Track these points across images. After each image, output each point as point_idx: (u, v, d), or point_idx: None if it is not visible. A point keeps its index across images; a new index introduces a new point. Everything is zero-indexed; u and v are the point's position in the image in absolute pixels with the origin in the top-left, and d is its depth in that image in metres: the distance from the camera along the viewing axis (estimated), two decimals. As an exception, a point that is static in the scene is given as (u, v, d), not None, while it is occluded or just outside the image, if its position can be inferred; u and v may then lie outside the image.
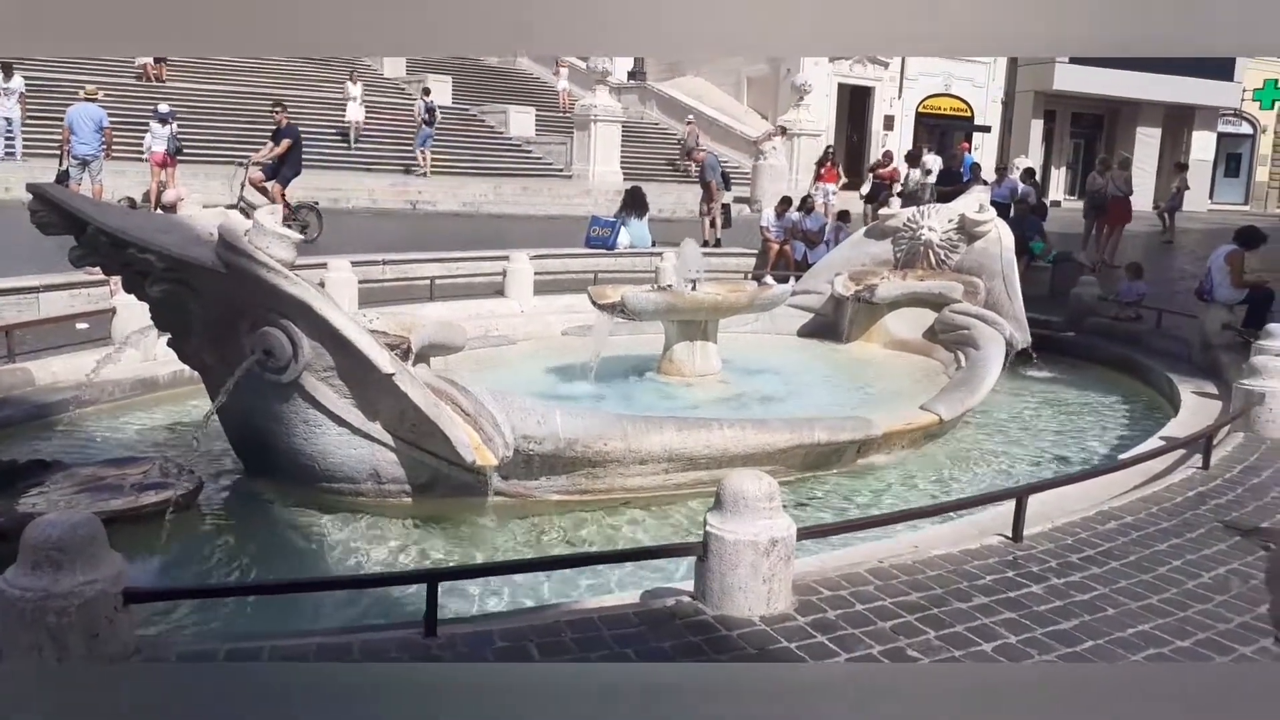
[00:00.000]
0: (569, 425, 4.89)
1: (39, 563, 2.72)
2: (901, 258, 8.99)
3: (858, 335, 8.65)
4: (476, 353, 7.12)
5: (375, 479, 4.80)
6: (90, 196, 12.85)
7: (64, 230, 4.45)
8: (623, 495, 5.09)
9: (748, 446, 5.20)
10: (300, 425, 4.71)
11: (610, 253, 13.88)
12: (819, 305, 9.00)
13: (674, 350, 7.20)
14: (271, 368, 4.53)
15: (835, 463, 5.72)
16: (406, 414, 4.60)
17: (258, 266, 4.28)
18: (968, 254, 8.66)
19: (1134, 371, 8.63)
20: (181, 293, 4.52)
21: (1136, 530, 4.29)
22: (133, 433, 6.05)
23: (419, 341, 5.44)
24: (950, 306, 8.30)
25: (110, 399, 6.40)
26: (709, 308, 7.19)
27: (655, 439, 5.02)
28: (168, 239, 4.49)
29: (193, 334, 4.77)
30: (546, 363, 7.57)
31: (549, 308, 9.73)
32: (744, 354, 7.73)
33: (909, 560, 3.85)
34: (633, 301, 6.85)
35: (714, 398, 6.73)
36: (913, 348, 8.35)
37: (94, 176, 15.31)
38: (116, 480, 4.58)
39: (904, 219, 9.15)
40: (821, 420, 5.66)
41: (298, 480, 4.86)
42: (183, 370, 5.84)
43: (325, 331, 4.45)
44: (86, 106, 15.47)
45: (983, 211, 8.75)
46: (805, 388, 7.13)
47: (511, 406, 4.82)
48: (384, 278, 10.78)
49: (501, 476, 4.80)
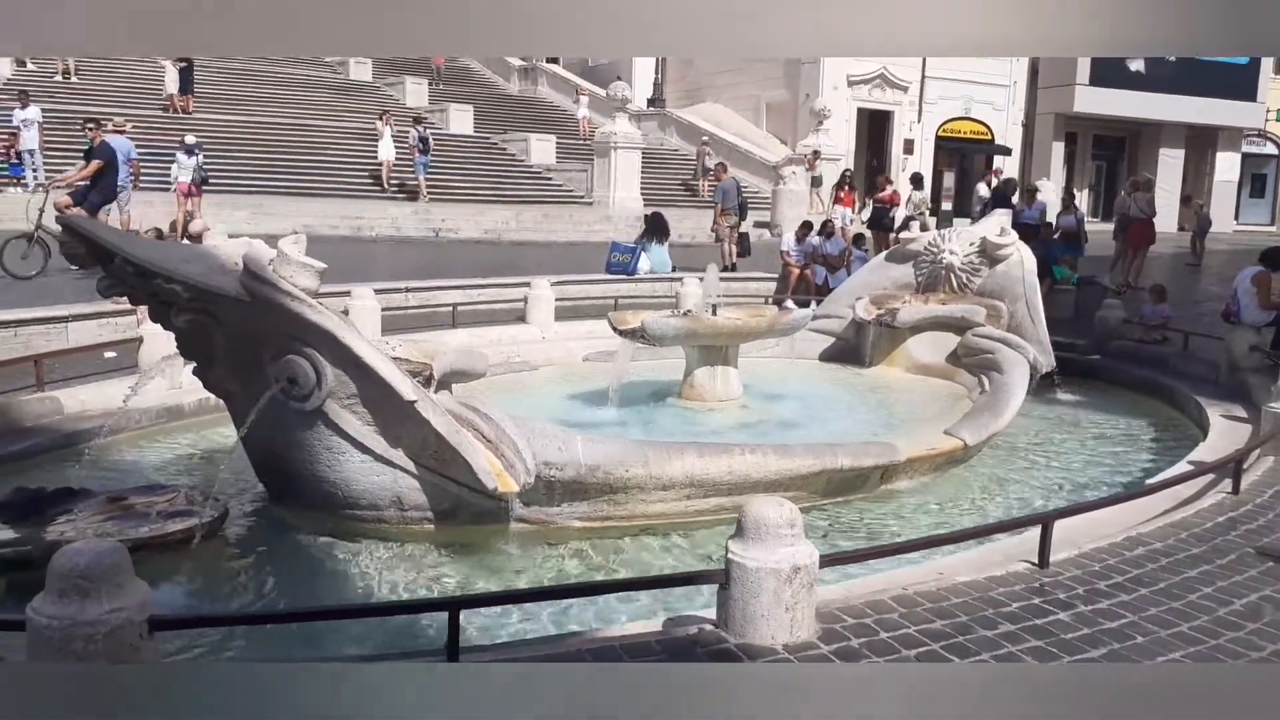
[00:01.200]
0: (590, 451, 4.89)
1: (66, 591, 2.74)
2: (923, 281, 8.96)
3: (880, 360, 8.62)
4: (498, 379, 7.15)
5: (398, 506, 4.81)
6: (118, 227, 13.05)
7: (92, 262, 4.52)
8: (644, 522, 5.07)
9: (770, 472, 5.17)
10: (324, 452, 4.74)
11: (631, 278, 13.92)
12: (840, 329, 8.97)
13: (695, 375, 7.19)
14: (295, 395, 4.56)
15: (859, 488, 5.69)
16: (429, 441, 4.62)
17: (282, 295, 4.33)
18: (990, 277, 8.62)
19: (1160, 395, 8.54)
20: (206, 322, 4.57)
21: (1166, 556, 4.23)
22: (159, 460, 6.10)
23: (441, 368, 5.46)
24: (973, 330, 8.25)
25: (137, 426, 6.46)
26: (729, 333, 7.18)
27: (676, 465, 5.01)
28: (193, 269, 4.54)
29: (217, 362, 4.82)
30: (568, 388, 7.58)
31: (570, 333, 9.75)
32: (765, 379, 7.71)
33: (934, 587, 3.82)
34: (653, 327, 6.86)
35: (735, 423, 6.71)
36: (935, 372, 8.30)
37: (121, 207, 15.52)
38: (143, 508, 4.61)
39: (925, 242, 9.13)
40: (844, 446, 5.63)
41: (321, 507, 4.88)
42: (207, 398, 5.90)
43: (348, 359, 4.48)
44: (115, 139, 15.71)
45: (1004, 234, 8.72)
46: (827, 413, 7.09)
47: (533, 433, 4.83)
48: (407, 305, 10.86)
49: (523, 503, 4.80)
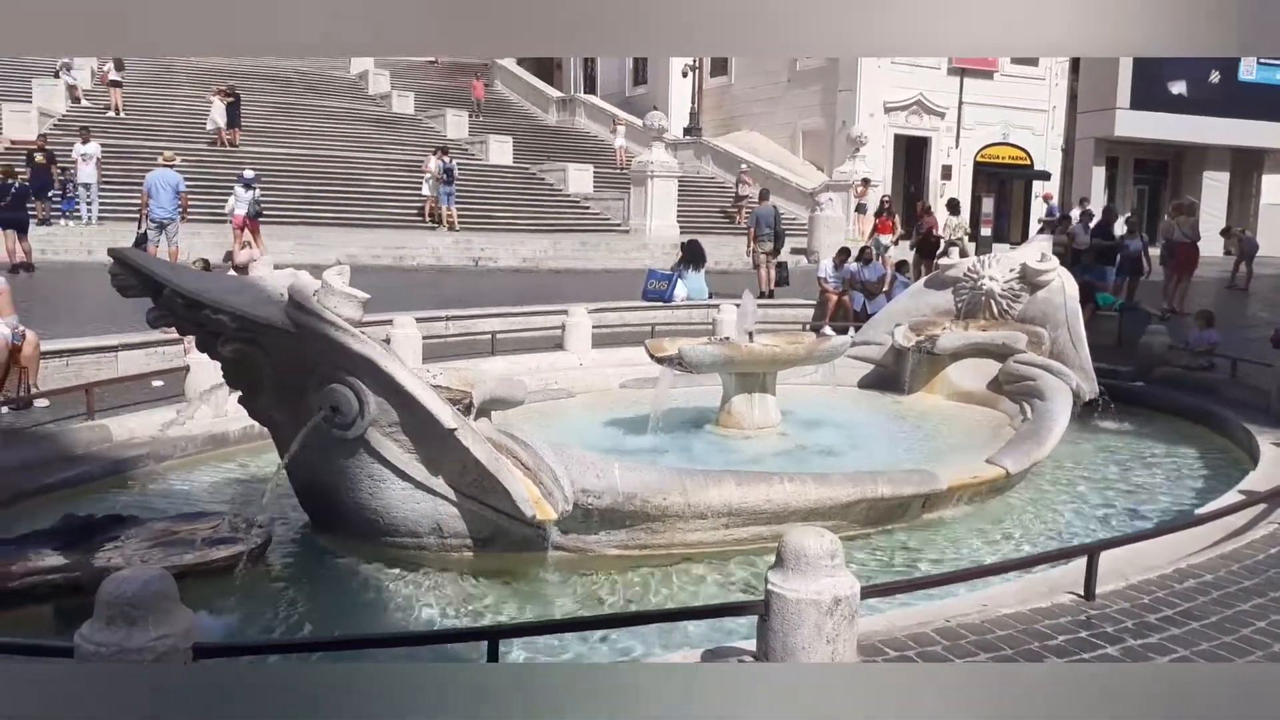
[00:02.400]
0: (627, 479, 4.89)
1: (114, 618, 2.79)
2: (963, 308, 8.88)
3: (920, 387, 8.54)
4: (536, 405, 7.18)
5: (438, 533, 4.84)
6: (167, 259, 13.33)
7: (142, 292, 4.63)
8: (682, 551, 5.05)
9: (809, 501, 5.14)
10: (365, 480, 4.79)
11: (667, 305, 13.95)
12: (879, 356, 8.91)
13: (732, 403, 7.18)
14: (338, 424, 4.62)
15: (899, 518, 5.63)
16: (468, 468, 4.65)
17: (326, 325, 4.40)
18: (1030, 303, 8.53)
19: (1208, 422, 8.37)
20: (252, 351, 4.65)
21: (1217, 589, 4.13)
22: (204, 487, 6.19)
23: (480, 396, 5.50)
24: (1014, 357, 8.17)
25: (183, 454, 6.57)
26: (767, 360, 7.17)
27: (714, 493, 4.99)
28: (239, 299, 4.64)
29: (262, 391, 4.90)
30: (605, 415, 7.60)
31: (607, 360, 9.77)
32: (803, 406, 7.67)
33: (977, 619, 3.76)
34: (690, 354, 6.86)
35: (773, 451, 6.68)
36: (977, 399, 8.21)
37: (170, 239, 15.86)
38: (188, 535, 4.68)
39: (964, 269, 9.06)
40: (885, 474, 5.58)
41: (362, 534, 4.93)
42: (252, 426, 5.98)
43: (390, 388, 4.54)
44: (164, 172, 16.09)
45: (1044, 260, 8.64)
46: (867, 441, 7.04)
47: (570, 460, 4.85)
48: (447, 333, 10.96)
49: (561, 531, 4.81)
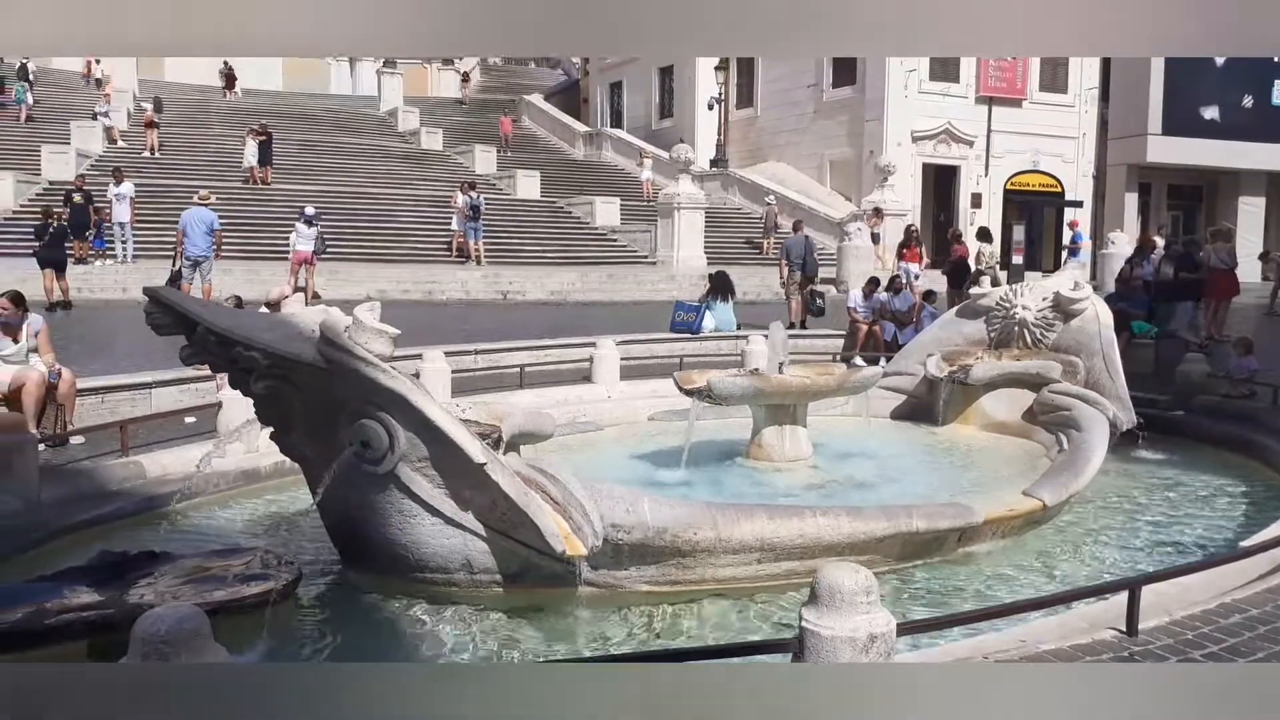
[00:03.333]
0: (657, 514, 4.85)
1: (148, 655, 2.78)
2: (995, 337, 8.80)
3: (953, 417, 8.45)
4: (565, 439, 7.17)
5: (467, 569, 4.82)
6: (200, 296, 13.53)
7: (176, 330, 4.68)
8: (714, 586, 4.99)
9: (842, 535, 5.07)
10: (395, 515, 4.78)
11: (696, 337, 13.94)
12: (911, 387, 8.83)
13: (763, 435, 7.12)
14: (369, 459, 4.63)
15: (935, 551, 5.54)
16: (497, 503, 4.64)
17: (357, 361, 4.42)
18: (1064, 332, 8.44)
19: (1251, 451, 8.19)
20: (284, 388, 4.68)
21: (1264, 624, 4.01)
22: (236, 523, 6.22)
23: (509, 430, 5.50)
24: (1049, 387, 8.07)
25: (215, 490, 6.61)
26: (797, 391, 7.12)
27: (746, 528, 4.94)
28: (271, 336, 4.67)
29: (294, 427, 4.92)
30: (634, 448, 7.57)
31: (635, 393, 9.76)
32: (835, 438, 7.60)
33: (1016, 656, 3.67)
34: (719, 386, 6.83)
35: (805, 484, 6.61)
36: (1011, 430, 8.11)
37: (204, 276, 16.09)
38: (220, 571, 4.69)
39: (996, 297, 8.99)
40: (919, 507, 5.50)
41: (392, 570, 4.92)
42: (283, 461, 6.01)
43: (420, 423, 4.55)
44: (199, 210, 16.37)
45: (1077, 289, 8.55)
46: (900, 473, 6.95)
47: (600, 494, 4.81)
48: (476, 367, 11.01)
49: (591, 566, 4.77)
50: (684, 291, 19.74)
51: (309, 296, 15.40)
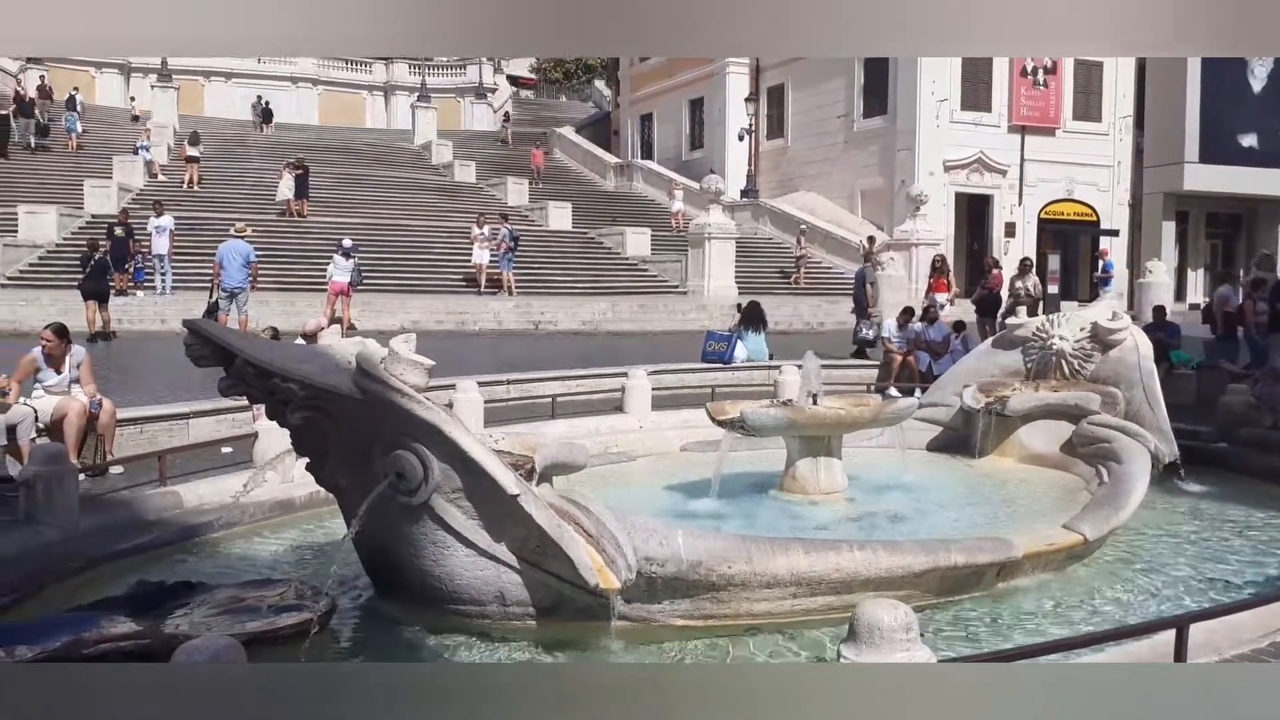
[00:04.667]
0: (691, 546, 4.80)
1: (183, 688, 2.79)
2: (1033, 368, 8.69)
3: (990, 449, 8.33)
4: (597, 469, 7.14)
5: (500, 601, 4.80)
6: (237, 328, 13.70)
7: (214, 362, 4.73)
8: (749, 621, 4.93)
9: (879, 570, 4.99)
10: (429, 547, 4.78)
11: (727, 367, 13.90)
12: (948, 418, 8.73)
13: (797, 467, 7.06)
14: (403, 490, 4.64)
15: (973, 586, 5.44)
16: (530, 535, 4.62)
17: (392, 393, 4.44)
18: (1103, 363, 8.32)
19: (1298, 485, 8.01)
20: (320, 418, 4.71)
21: (1318, 665, 3.90)
22: (271, 554, 6.24)
23: (542, 461, 5.49)
24: (1088, 418, 7.94)
25: (251, 520, 6.64)
26: (832, 423, 7.05)
27: (781, 561, 4.88)
28: (308, 368, 4.71)
29: (330, 458, 4.94)
30: (666, 479, 7.53)
31: (667, 423, 9.72)
32: (870, 470, 7.52)
33: (1062, 696, 3.58)
34: (752, 417, 6.78)
35: (841, 517, 6.53)
36: (1050, 462, 7.98)
37: (240, 308, 16.29)
38: (255, 602, 4.70)
39: (1032, 328, 8.89)
40: (957, 541, 5.41)
41: (425, 601, 4.90)
42: (318, 492, 6.04)
43: (454, 454, 4.55)
44: (235, 243, 16.60)
45: (1116, 319, 8.44)
46: (937, 506, 6.86)
47: (633, 527, 4.78)
48: (508, 397, 11.04)
49: (624, 600, 4.73)
50: (715, 321, 19.74)
51: (345, 328, 15.56)
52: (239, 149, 35.49)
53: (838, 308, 24.27)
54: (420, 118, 42.32)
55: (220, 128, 39.30)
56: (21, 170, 28.27)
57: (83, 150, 31.56)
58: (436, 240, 26.26)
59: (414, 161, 37.31)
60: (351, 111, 52.27)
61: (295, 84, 52.29)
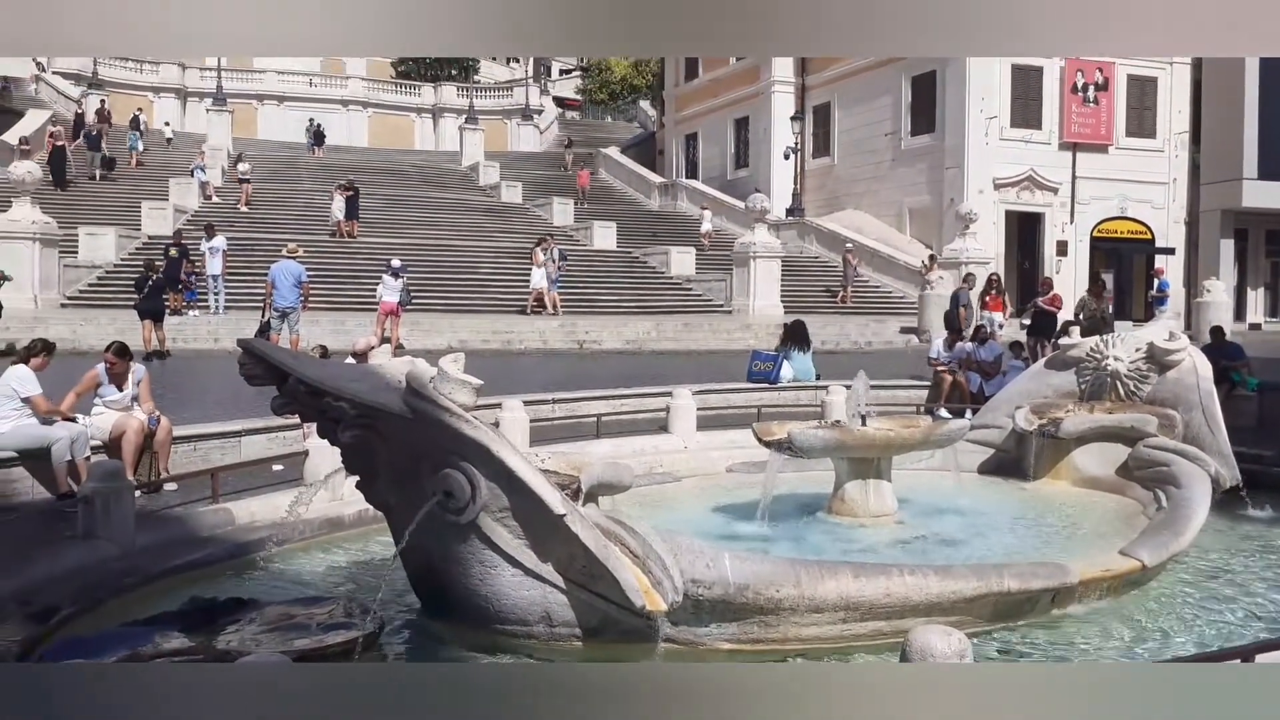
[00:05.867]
0: (739, 570, 4.76)
1: (234, 705, 2.81)
2: (1087, 389, 8.52)
3: (1044, 472, 8.18)
4: (641, 490, 7.11)
5: (547, 621, 4.79)
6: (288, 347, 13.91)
7: (268, 381, 4.80)
8: (797, 646, 4.86)
9: (931, 595, 4.91)
10: (476, 566, 4.79)
11: (773, 387, 13.80)
12: (1000, 440, 8.58)
13: (845, 489, 6.98)
14: (451, 509, 4.66)
15: (1027, 613, 5.32)
16: (576, 555, 4.61)
17: (441, 411, 4.47)
18: (1160, 384, 8.13)
19: (1367, 511, 7.74)
20: (370, 437, 4.75)
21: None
22: (320, 571, 6.30)
23: (588, 481, 5.49)
24: (1145, 441, 7.75)
25: (301, 537, 6.71)
26: (881, 445, 6.97)
27: (830, 586, 4.82)
28: (359, 386, 4.76)
29: (379, 476, 4.98)
30: (711, 501, 7.48)
31: (712, 443, 9.67)
32: (921, 493, 7.41)
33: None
34: (800, 439, 6.73)
35: (891, 540, 6.44)
36: (1105, 486, 7.80)
37: (292, 327, 16.52)
38: (304, 619, 4.74)
39: (1087, 348, 8.72)
40: (1011, 566, 5.31)
41: (472, 621, 4.91)
42: (367, 510, 6.09)
43: (501, 473, 4.56)
44: (287, 263, 16.87)
45: (1173, 339, 8.25)
46: (989, 530, 6.73)
47: (680, 549, 4.75)
48: (553, 416, 11.06)
49: (671, 622, 4.69)
50: (760, 340, 19.64)
51: (394, 347, 15.73)
52: (290, 171, 36.20)
53: (885, 327, 24.05)
54: (468, 139, 42.89)
55: (272, 150, 40.12)
56: (83, 195, 29.07)
57: (142, 167, 32.55)
58: (483, 260, 26.50)
59: (461, 182, 37.77)
60: (401, 134, 53.12)
61: (346, 107, 53.31)
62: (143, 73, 49.86)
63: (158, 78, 50.04)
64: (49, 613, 4.87)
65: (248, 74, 52.11)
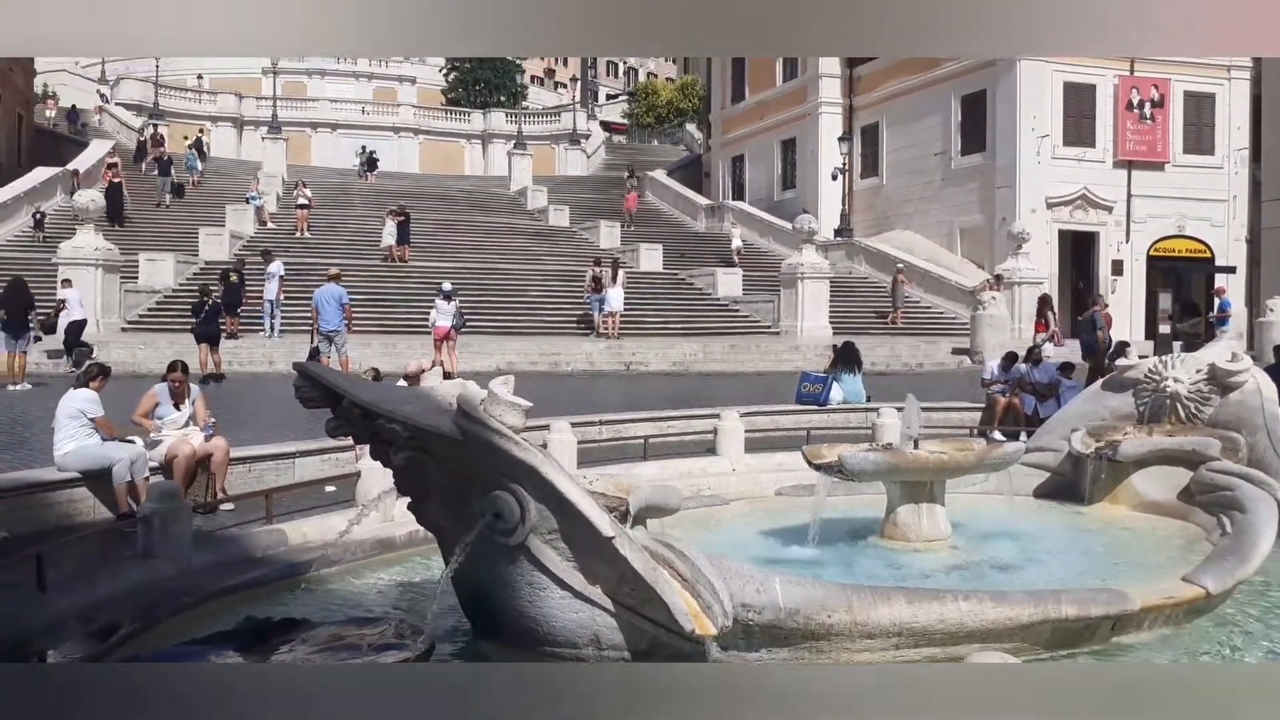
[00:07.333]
0: (789, 594, 4.71)
1: (289, 725, 2.84)
2: (1145, 412, 8.33)
3: (1101, 496, 7.99)
4: (689, 513, 7.08)
5: (595, 644, 4.77)
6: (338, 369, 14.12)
7: (323, 404, 4.87)
8: (849, 671, 4.80)
9: (986, 621, 4.81)
10: (525, 588, 4.79)
11: (823, 409, 13.69)
12: (1055, 463, 8.41)
13: (898, 513, 6.88)
14: (500, 530, 4.67)
15: (1086, 641, 5.18)
16: (625, 578, 4.59)
17: (491, 433, 4.49)
18: (1222, 407, 7.92)
19: None
20: (422, 459, 4.79)
21: None
22: (371, 592, 6.35)
23: (636, 503, 5.48)
24: (1207, 465, 7.54)
25: (353, 558, 6.78)
26: (935, 468, 6.86)
27: (883, 611, 4.74)
28: (412, 409, 4.81)
29: (431, 498, 5.02)
30: (760, 524, 7.42)
31: (761, 466, 9.60)
32: (975, 517, 7.28)
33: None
34: (852, 462, 6.65)
35: (944, 565, 6.33)
36: (1166, 511, 7.60)
37: (339, 349, 16.76)
38: (355, 640, 4.77)
39: (1145, 369, 8.53)
40: (1069, 592, 5.18)
41: (521, 643, 4.91)
42: (418, 531, 6.13)
43: (550, 495, 4.57)
44: (330, 287, 17.16)
45: (1235, 360, 8.04)
46: (1046, 555, 6.58)
47: (729, 572, 4.71)
48: (600, 438, 11.08)
49: (720, 647, 4.65)
50: (809, 362, 19.52)
51: (447, 370, 15.86)
52: (343, 196, 36.86)
53: (936, 348, 23.76)
54: (516, 164, 43.41)
55: (325, 176, 40.92)
56: (144, 222, 29.86)
57: (199, 187, 33.47)
58: (532, 283, 26.70)
59: (510, 207, 38.16)
60: (451, 159, 53.91)
61: (397, 134, 54.27)
62: (201, 102, 51.26)
63: (215, 107, 51.41)
64: (109, 630, 4.97)
65: (302, 102, 53.34)
